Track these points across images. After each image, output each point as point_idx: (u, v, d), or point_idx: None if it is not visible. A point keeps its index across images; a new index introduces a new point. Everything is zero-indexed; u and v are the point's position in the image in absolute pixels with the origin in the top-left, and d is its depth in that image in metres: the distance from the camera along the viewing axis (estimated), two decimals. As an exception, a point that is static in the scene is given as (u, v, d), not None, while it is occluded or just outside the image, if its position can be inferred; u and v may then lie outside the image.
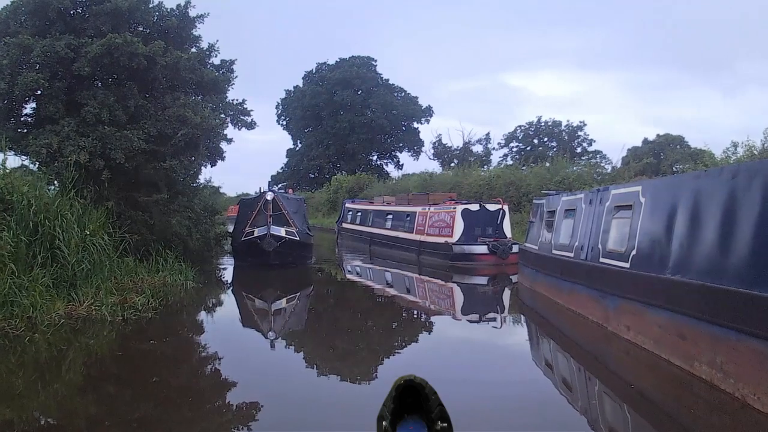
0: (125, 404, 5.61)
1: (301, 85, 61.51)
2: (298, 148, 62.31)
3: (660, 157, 40.17)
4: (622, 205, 8.16)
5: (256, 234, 16.21)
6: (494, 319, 11.23)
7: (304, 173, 60.89)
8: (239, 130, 15.23)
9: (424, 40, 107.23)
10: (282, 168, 63.50)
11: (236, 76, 15.36)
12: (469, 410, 5.07)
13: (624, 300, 7.43)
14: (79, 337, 8.06)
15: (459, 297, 14.05)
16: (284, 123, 63.34)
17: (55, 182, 11.31)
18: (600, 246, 8.51)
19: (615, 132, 78.37)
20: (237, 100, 15.33)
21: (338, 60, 59.40)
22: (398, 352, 8.36)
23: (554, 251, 10.70)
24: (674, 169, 36.06)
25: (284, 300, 12.83)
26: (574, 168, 27.82)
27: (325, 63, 60.81)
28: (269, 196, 16.53)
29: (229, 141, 15.66)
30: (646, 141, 46.00)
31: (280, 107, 63.00)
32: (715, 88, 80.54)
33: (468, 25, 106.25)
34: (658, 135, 46.25)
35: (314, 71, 61.29)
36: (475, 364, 7.41)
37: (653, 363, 6.66)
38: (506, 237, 18.12)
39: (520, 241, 17.27)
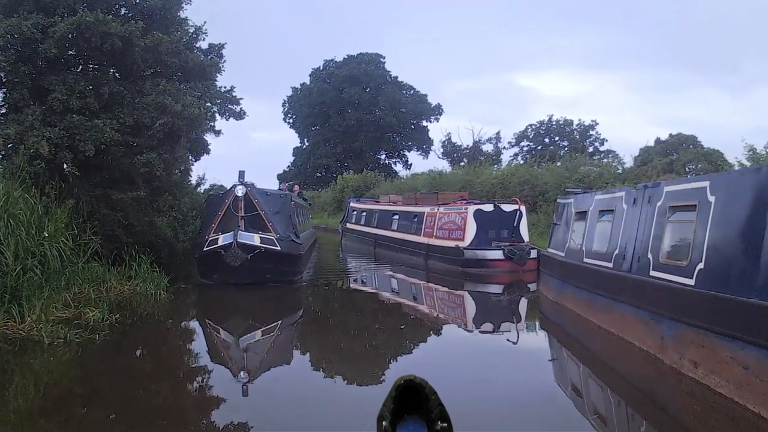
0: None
1: (308, 82, 60.10)
2: (304, 147, 60.96)
3: (673, 157, 38.52)
4: (680, 204, 6.54)
5: (220, 243, 12.22)
6: (510, 332, 9.84)
7: (310, 172, 59.45)
8: (227, 120, 13.73)
9: (432, 39, 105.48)
10: (288, 167, 62.13)
11: (224, 61, 13.88)
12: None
13: (687, 327, 5.82)
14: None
15: (471, 309, 12.47)
16: (290, 121, 62.01)
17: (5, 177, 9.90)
18: (650, 255, 6.90)
19: (622, 132, 76.31)
20: (225, 87, 13.87)
21: (346, 57, 57.93)
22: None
23: (586, 259, 9.11)
24: (687, 169, 34.49)
25: (259, 332, 9.59)
26: (590, 167, 26.15)
27: (332, 60, 59.33)
28: (240, 192, 12.70)
29: (218, 133, 14.26)
30: (658, 140, 44.50)
31: (287, 105, 61.65)
32: (722, 88, 78.02)
33: (475, 24, 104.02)
34: (670, 134, 44.72)
35: (321, 68, 59.77)
36: (490, 382, 6.57)
37: (733, 413, 5.10)
38: (523, 241, 16.43)
39: (537, 245, 15.73)
